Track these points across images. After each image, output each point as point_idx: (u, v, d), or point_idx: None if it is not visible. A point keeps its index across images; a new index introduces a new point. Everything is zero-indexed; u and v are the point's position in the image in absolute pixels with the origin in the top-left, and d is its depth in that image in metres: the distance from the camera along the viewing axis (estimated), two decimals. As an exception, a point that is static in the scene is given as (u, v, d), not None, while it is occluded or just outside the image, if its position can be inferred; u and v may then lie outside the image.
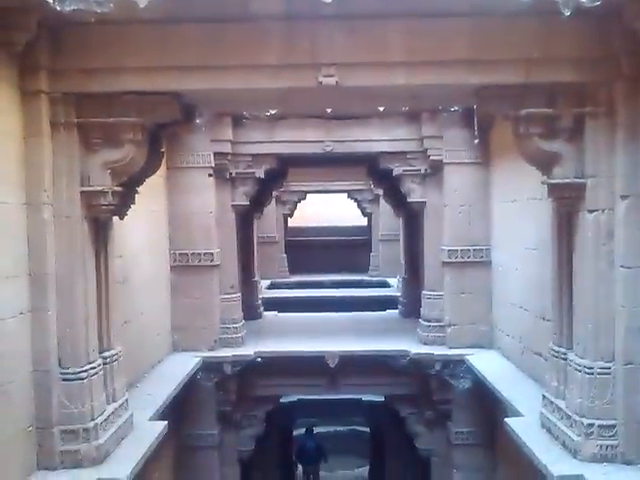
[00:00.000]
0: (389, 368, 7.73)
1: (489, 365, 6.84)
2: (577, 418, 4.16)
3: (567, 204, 4.39)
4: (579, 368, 4.20)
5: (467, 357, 7.21)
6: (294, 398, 14.51)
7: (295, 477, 14.29)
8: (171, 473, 7.36)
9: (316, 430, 15.20)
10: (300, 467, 14.25)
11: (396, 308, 10.81)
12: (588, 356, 4.15)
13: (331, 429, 16.88)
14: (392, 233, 15.93)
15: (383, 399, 10.31)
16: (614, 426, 4.05)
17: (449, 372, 7.40)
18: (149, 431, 4.84)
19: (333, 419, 16.51)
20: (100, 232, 4.63)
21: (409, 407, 8.13)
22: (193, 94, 4.51)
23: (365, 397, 14.26)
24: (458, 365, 7.35)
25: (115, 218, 4.90)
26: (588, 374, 4.13)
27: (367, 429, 15.69)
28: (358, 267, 17.09)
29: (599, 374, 4.10)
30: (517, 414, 5.26)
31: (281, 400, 11.03)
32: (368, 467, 15.10)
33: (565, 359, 4.45)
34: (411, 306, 9.82)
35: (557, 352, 4.58)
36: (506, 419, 5.06)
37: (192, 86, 4.30)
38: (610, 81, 4.09)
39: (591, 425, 4.08)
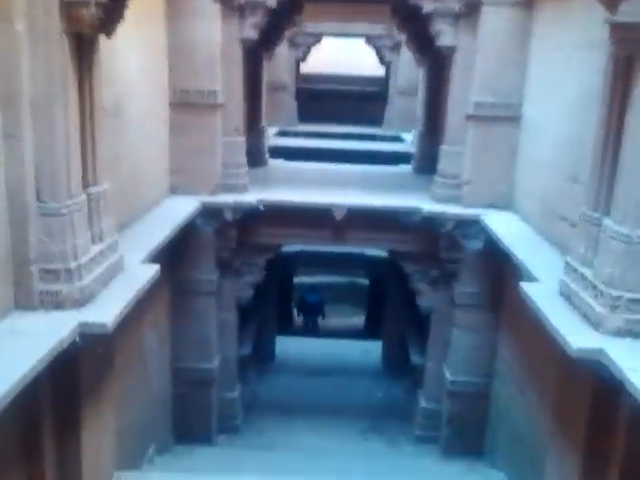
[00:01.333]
0: (398, 225, 7.36)
1: (505, 227, 6.44)
2: (604, 289, 3.79)
3: (630, 48, 3.72)
4: (615, 236, 3.76)
5: (482, 217, 6.82)
6: (296, 248, 14.54)
7: (293, 323, 14.68)
8: (167, 317, 7.28)
9: (316, 280, 15.67)
10: (301, 317, 14.57)
11: (409, 164, 10.29)
12: (627, 223, 3.69)
13: (331, 279, 17.09)
14: (411, 86, 14.96)
15: (387, 255, 10.14)
16: (645, 300, 3.70)
17: (461, 232, 7.04)
18: (140, 274, 4.51)
19: (334, 270, 16.63)
20: (84, 52, 4.00)
21: (414, 264, 7.84)
22: None
23: (369, 252, 14.34)
24: (472, 225, 6.97)
25: (105, 43, 4.28)
26: (624, 242, 3.69)
27: (366, 281, 15.91)
28: (372, 120, 16.28)
29: (637, 243, 3.68)
30: (532, 279, 4.93)
31: (283, 249, 10.89)
32: (365, 317, 15.46)
33: (598, 225, 4.00)
34: (426, 162, 9.30)
35: (590, 217, 4.11)
36: (521, 283, 4.72)
37: None
38: None
39: (619, 297, 3.71)
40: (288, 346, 10.98)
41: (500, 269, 7.14)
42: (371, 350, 11.00)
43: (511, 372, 6.83)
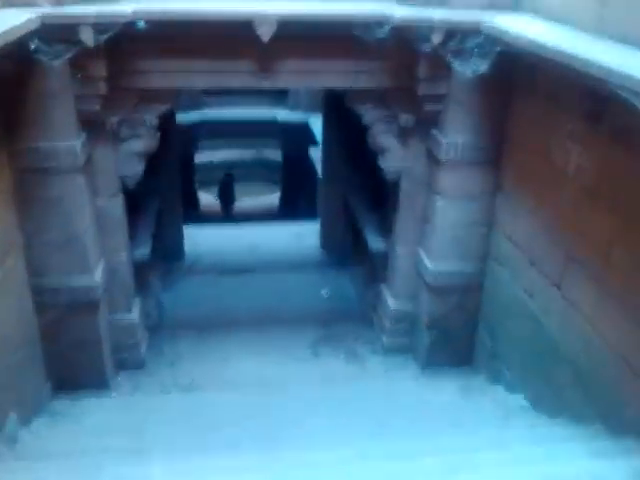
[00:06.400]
0: (353, 45, 4.81)
1: (532, 32, 4.11)
2: None
3: None
4: None
5: (488, 22, 4.44)
6: (194, 117, 13.27)
7: (200, 209, 12.48)
8: (12, 213, 4.62)
9: (220, 156, 14.83)
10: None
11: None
12: None
13: (235, 154, 15.19)
14: None
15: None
16: None
17: (455, 46, 4.63)
18: None
19: (239, 143, 14.98)
20: None
21: (375, 108, 5.43)
22: None
23: (281, 117, 13.43)
24: (470, 36, 4.56)
25: None
26: None
27: (278, 155, 14.46)
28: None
29: None
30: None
31: (179, 121, 8.47)
32: (279, 196, 13.50)
33: None
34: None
35: None
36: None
37: None
38: None
39: None
40: (198, 238, 8.46)
41: (507, 105, 4.93)
42: (305, 234, 8.71)
43: (526, 255, 4.76)
